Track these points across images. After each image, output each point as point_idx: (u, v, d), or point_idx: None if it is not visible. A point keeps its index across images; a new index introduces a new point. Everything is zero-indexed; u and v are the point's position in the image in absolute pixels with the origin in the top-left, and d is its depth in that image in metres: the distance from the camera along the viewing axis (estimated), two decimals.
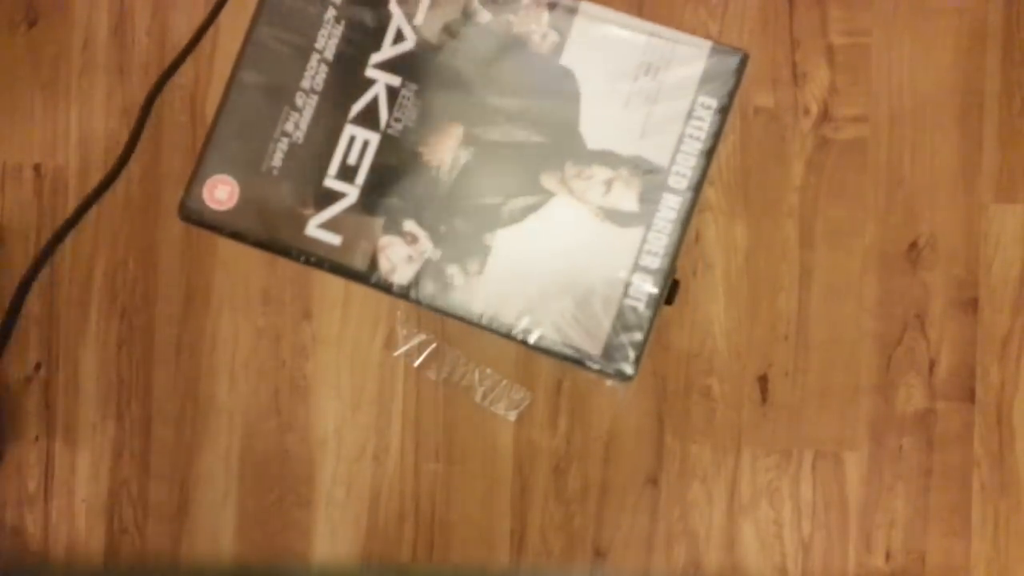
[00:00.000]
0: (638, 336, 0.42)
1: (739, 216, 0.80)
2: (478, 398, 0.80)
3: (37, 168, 0.88)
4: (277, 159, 0.44)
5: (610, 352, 0.41)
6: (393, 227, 0.43)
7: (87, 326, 0.86)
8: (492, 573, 0.80)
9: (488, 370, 0.81)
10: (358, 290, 0.83)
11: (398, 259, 0.43)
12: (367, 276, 0.44)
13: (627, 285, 0.42)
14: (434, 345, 0.81)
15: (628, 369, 0.42)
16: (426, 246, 0.43)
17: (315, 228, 0.44)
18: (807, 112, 0.80)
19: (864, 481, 0.77)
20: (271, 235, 0.44)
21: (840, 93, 0.80)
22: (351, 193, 0.44)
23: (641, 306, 0.42)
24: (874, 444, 0.77)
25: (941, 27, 0.80)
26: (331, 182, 0.44)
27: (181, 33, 0.87)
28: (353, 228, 0.43)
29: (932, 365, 0.77)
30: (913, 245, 0.78)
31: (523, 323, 0.43)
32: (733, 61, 0.44)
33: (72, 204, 0.87)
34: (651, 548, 0.78)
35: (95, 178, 0.87)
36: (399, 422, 0.81)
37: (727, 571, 0.78)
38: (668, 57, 0.44)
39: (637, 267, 0.42)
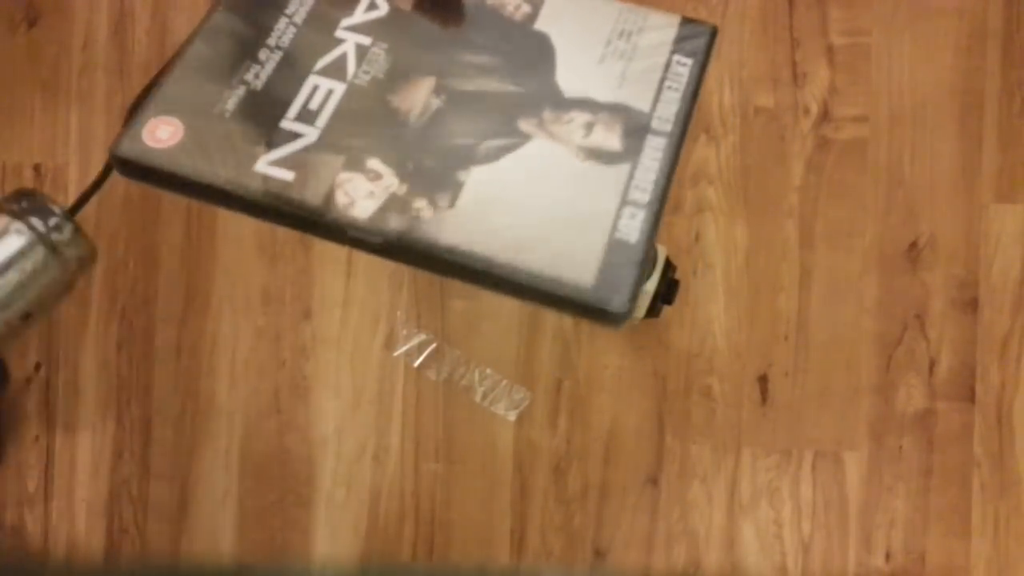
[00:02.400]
0: (631, 270, 0.39)
1: (739, 216, 0.79)
2: (478, 398, 0.80)
3: (37, 168, 0.88)
4: (231, 104, 0.42)
5: (603, 286, 0.38)
6: (355, 165, 0.40)
7: (87, 326, 0.85)
8: (492, 573, 0.80)
9: (488, 370, 0.81)
10: (358, 290, 0.83)
11: (358, 194, 0.40)
12: (321, 212, 0.39)
13: (616, 219, 0.39)
14: (434, 345, 0.81)
15: (623, 304, 0.38)
16: (391, 181, 0.40)
17: (266, 165, 0.40)
18: (807, 112, 0.80)
19: (864, 481, 0.77)
20: (214, 171, 0.40)
21: (840, 93, 0.80)
22: (310, 134, 0.41)
23: (633, 239, 0.39)
24: (874, 444, 0.77)
25: (941, 27, 0.79)
26: (289, 124, 0.41)
27: (181, 33, 0.87)
28: (309, 165, 0.40)
29: (932, 365, 0.77)
30: (913, 245, 0.78)
31: (501, 258, 0.39)
32: (704, 31, 0.44)
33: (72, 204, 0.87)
34: (651, 548, 0.78)
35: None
36: (399, 422, 0.81)
37: (727, 571, 0.78)
38: (641, 25, 0.44)
39: (626, 201, 0.40)
